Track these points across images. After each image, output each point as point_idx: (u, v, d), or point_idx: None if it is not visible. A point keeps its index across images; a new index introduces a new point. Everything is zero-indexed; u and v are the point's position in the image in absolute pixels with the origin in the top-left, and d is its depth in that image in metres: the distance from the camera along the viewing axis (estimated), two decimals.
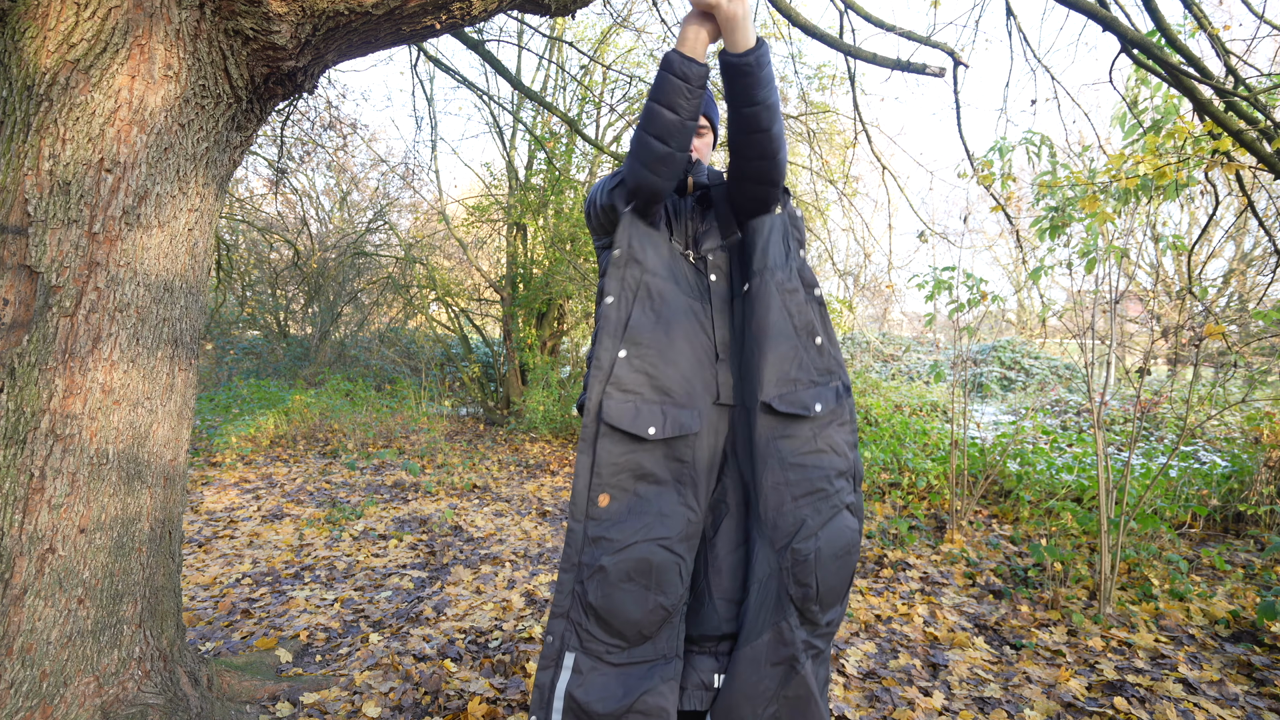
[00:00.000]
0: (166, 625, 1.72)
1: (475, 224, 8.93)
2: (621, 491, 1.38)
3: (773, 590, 1.39)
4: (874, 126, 10.56)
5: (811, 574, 1.38)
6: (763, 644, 1.38)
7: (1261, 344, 6.66)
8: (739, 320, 1.52)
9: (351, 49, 1.77)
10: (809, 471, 1.42)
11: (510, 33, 8.30)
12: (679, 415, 1.41)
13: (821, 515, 1.41)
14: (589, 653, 1.37)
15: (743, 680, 1.38)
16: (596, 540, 1.37)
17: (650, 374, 1.41)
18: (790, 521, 1.40)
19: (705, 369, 1.48)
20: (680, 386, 1.43)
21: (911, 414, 7.05)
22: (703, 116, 1.57)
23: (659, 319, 1.44)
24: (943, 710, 1.98)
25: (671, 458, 1.41)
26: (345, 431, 6.55)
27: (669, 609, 1.38)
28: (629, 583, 1.35)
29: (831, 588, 1.41)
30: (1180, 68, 2.58)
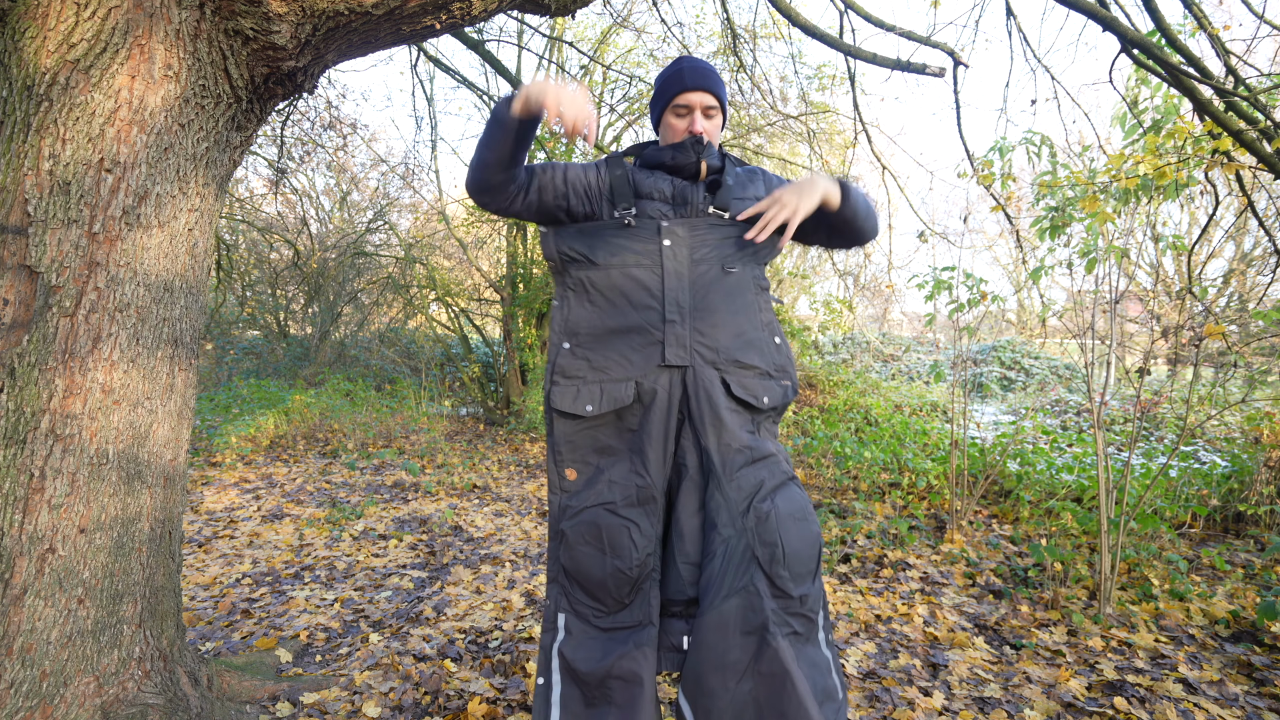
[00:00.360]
0: (166, 625, 1.72)
1: (475, 224, 8.93)
2: (584, 465, 1.52)
3: (738, 553, 1.40)
4: (874, 126, 10.57)
5: (775, 532, 1.40)
6: (730, 609, 1.38)
7: (1261, 344, 6.66)
8: (707, 293, 1.52)
9: (351, 49, 1.77)
10: (758, 442, 1.50)
11: (510, 33, 8.30)
12: (614, 389, 1.49)
13: (776, 478, 1.47)
14: (578, 615, 1.50)
15: (709, 648, 1.38)
16: (564, 509, 1.52)
17: (588, 357, 1.52)
18: (750, 481, 1.45)
19: (649, 336, 1.49)
20: (616, 361, 1.50)
21: (911, 414, 7.05)
22: (711, 95, 1.57)
23: (594, 305, 1.53)
24: (943, 710, 1.98)
25: (623, 429, 1.51)
26: (345, 431, 6.55)
27: (627, 572, 1.44)
28: (585, 545, 1.47)
29: (796, 551, 1.41)
30: (1180, 68, 2.58)
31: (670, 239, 1.53)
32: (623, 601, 1.46)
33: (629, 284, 1.51)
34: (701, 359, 1.49)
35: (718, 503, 1.44)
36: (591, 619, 1.49)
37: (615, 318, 1.51)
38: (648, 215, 1.54)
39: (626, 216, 1.54)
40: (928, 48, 3.30)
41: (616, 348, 1.50)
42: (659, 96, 1.61)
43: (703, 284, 1.52)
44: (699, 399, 1.48)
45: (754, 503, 1.43)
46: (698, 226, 1.55)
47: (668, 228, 1.53)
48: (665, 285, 1.51)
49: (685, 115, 1.58)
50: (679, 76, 1.57)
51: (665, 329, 1.49)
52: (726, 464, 1.45)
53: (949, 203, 24.06)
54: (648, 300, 1.50)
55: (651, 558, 1.46)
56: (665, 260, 1.52)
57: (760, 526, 1.40)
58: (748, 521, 1.41)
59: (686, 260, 1.53)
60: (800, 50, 10.38)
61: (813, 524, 1.47)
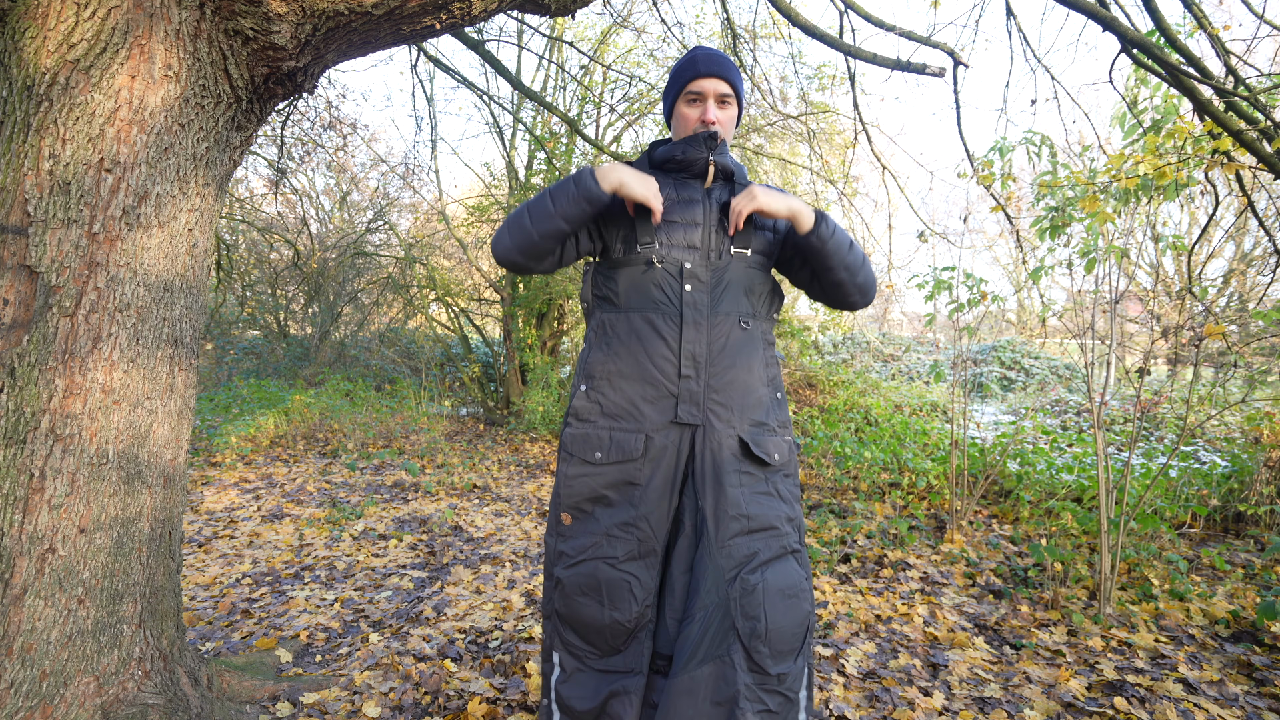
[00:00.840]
0: (166, 625, 1.72)
1: (475, 224, 8.92)
2: (580, 511, 1.50)
3: (717, 621, 1.37)
4: (874, 126, 10.56)
5: (760, 607, 1.36)
6: (702, 676, 1.35)
7: (1261, 344, 6.66)
8: (724, 348, 1.48)
9: (351, 49, 1.77)
10: (764, 509, 1.46)
11: (510, 33, 8.30)
12: (623, 440, 1.47)
13: (771, 550, 1.43)
14: (571, 654, 1.50)
15: (676, 712, 1.35)
16: (559, 555, 1.50)
17: (601, 402, 1.49)
18: (743, 551, 1.41)
19: (662, 389, 1.46)
20: (628, 410, 1.47)
21: (911, 414, 7.05)
22: (726, 83, 1.51)
23: (611, 350, 1.50)
24: (943, 710, 1.98)
25: (624, 481, 1.47)
26: (345, 431, 6.55)
27: (626, 624, 1.44)
28: (583, 596, 1.46)
29: (780, 629, 1.37)
30: (1180, 68, 2.58)
31: (691, 284, 1.48)
32: (617, 648, 1.46)
33: (647, 331, 1.47)
34: (715, 417, 1.46)
35: (705, 567, 1.41)
36: (585, 659, 1.49)
37: (631, 365, 1.47)
38: (672, 254, 1.49)
39: (651, 254, 1.49)
40: (928, 48, 3.30)
41: (630, 397, 1.47)
42: (672, 84, 1.57)
43: (719, 338, 1.48)
44: (704, 459, 1.45)
45: (742, 573, 1.39)
46: (720, 266, 1.50)
47: (690, 271, 1.49)
48: (683, 338, 1.47)
49: (698, 103, 1.52)
50: (692, 63, 1.53)
51: (680, 384, 1.46)
52: (720, 529, 1.42)
53: (949, 203, 24.07)
54: (664, 352, 1.46)
55: (650, 609, 1.46)
56: (685, 309, 1.47)
57: (745, 598, 1.37)
58: (733, 591, 1.38)
59: (707, 310, 1.48)
60: (800, 50, 10.39)
61: (804, 603, 1.43)
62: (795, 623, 1.40)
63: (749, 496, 1.45)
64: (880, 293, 18.38)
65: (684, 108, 1.54)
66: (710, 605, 1.38)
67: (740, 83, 1.56)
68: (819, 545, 3.34)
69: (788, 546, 1.46)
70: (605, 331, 1.52)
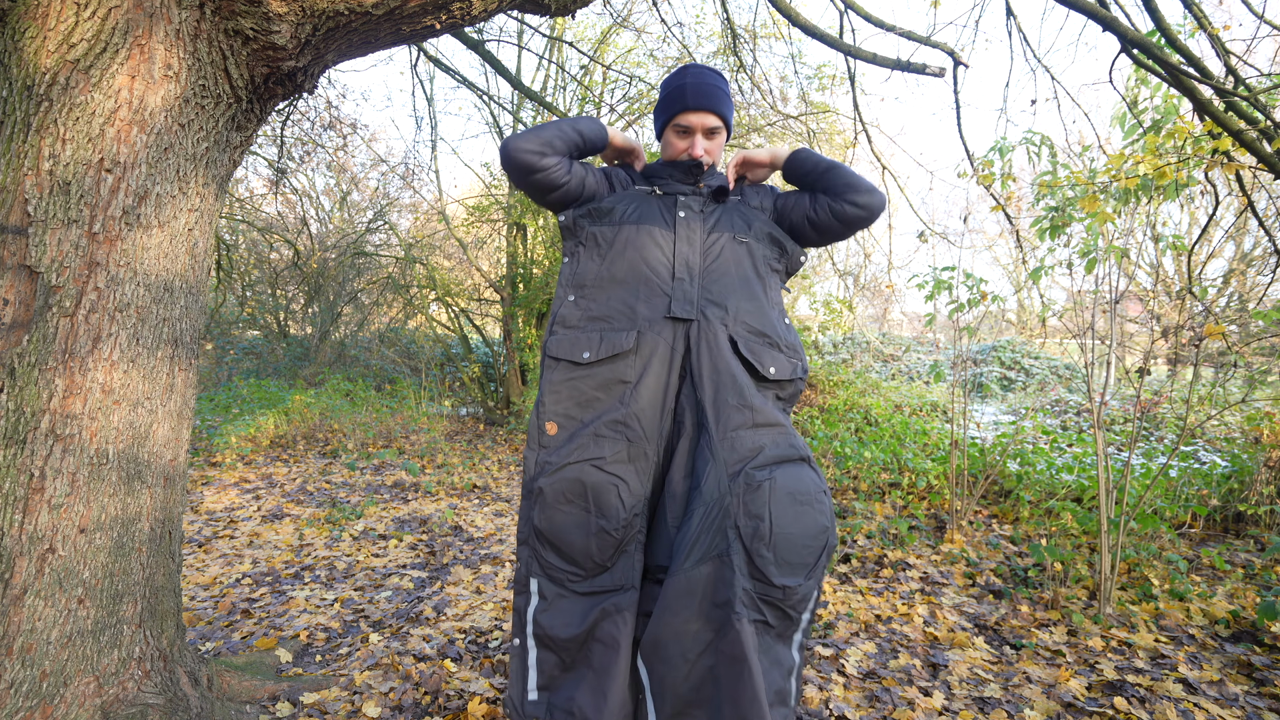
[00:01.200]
0: (166, 625, 1.72)
1: (475, 224, 8.92)
2: (566, 419, 1.43)
3: (716, 517, 1.29)
4: (874, 126, 10.56)
5: (765, 506, 1.28)
6: (700, 575, 1.28)
7: (1261, 344, 6.66)
8: (716, 256, 1.52)
9: (351, 49, 1.77)
10: (767, 408, 1.42)
11: (510, 33, 8.30)
12: (613, 337, 1.44)
13: (779, 449, 1.37)
14: (551, 579, 1.41)
15: (673, 614, 1.28)
16: (542, 466, 1.42)
17: (589, 307, 1.49)
18: (748, 445, 1.35)
19: (655, 289, 1.47)
20: (619, 310, 1.47)
21: (911, 414, 7.05)
22: (714, 116, 1.56)
23: (603, 258, 1.52)
24: (943, 710, 1.98)
25: (614, 379, 1.42)
26: (345, 431, 6.55)
27: (612, 533, 1.35)
28: (567, 504, 1.37)
29: (788, 535, 1.29)
30: (1180, 68, 2.58)
31: (685, 212, 1.54)
32: (604, 565, 1.37)
33: (643, 240, 1.50)
34: (708, 315, 1.45)
35: (705, 459, 1.34)
36: (567, 583, 1.40)
37: (624, 270, 1.49)
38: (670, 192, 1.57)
39: (654, 187, 1.57)
40: (928, 48, 3.30)
41: (621, 298, 1.47)
42: (662, 108, 1.60)
43: (713, 248, 1.52)
44: (700, 352, 1.43)
45: (747, 468, 1.32)
46: (710, 206, 1.57)
47: (684, 201, 1.55)
48: (676, 248, 1.50)
49: (686, 136, 1.57)
50: (681, 94, 1.54)
51: (674, 285, 1.47)
52: (721, 420, 1.36)
53: (949, 203, 24.07)
54: (659, 256, 1.49)
55: (639, 518, 1.38)
56: (679, 228, 1.52)
57: (749, 494, 1.29)
58: (735, 486, 1.30)
59: (700, 232, 1.53)
60: (800, 50, 10.39)
61: (818, 513, 1.33)
62: (808, 532, 1.31)
63: (754, 391, 1.41)
64: (880, 293, 18.34)
65: (672, 136, 1.59)
66: (710, 500, 1.31)
67: (729, 110, 1.59)
68: None
69: (798, 449, 1.39)
70: (597, 242, 1.54)
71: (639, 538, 1.38)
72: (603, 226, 1.55)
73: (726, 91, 1.58)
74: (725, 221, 1.56)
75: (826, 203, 1.57)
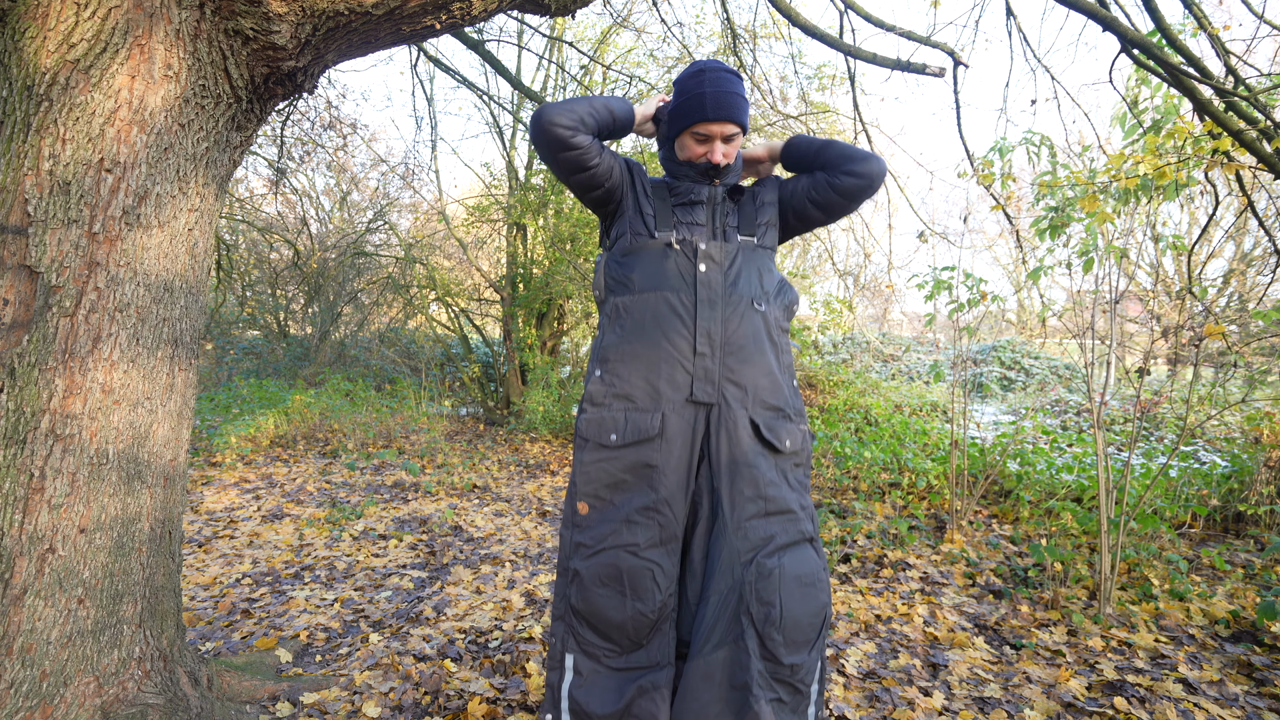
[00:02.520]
0: (166, 625, 1.72)
1: (475, 224, 8.92)
2: (597, 499, 1.45)
3: (733, 604, 1.35)
4: (874, 126, 10.56)
5: (775, 592, 1.34)
6: (718, 660, 1.34)
7: (1261, 344, 6.66)
8: (736, 326, 1.49)
9: (351, 49, 1.77)
10: (781, 492, 1.44)
11: (510, 33, 8.30)
12: (638, 420, 1.45)
13: (789, 535, 1.41)
14: (587, 654, 1.43)
15: (694, 698, 1.34)
16: (577, 547, 1.45)
17: (615, 384, 1.48)
18: (760, 534, 1.39)
19: (677, 366, 1.46)
20: (642, 390, 1.46)
21: (911, 414, 7.05)
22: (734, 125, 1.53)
23: (626, 332, 1.50)
24: (943, 710, 1.98)
25: (641, 463, 1.44)
26: (345, 431, 6.55)
27: (649, 615, 1.40)
28: (603, 587, 1.41)
29: (795, 617, 1.35)
30: (1180, 68, 2.58)
31: (706, 264, 1.51)
32: (639, 643, 1.42)
33: (663, 310, 1.48)
34: (728, 398, 1.46)
35: (720, 549, 1.39)
36: (603, 659, 1.43)
37: (646, 345, 1.47)
38: (687, 237, 1.54)
39: (669, 237, 1.53)
40: (928, 48, 3.30)
41: (644, 375, 1.47)
42: (680, 115, 1.55)
43: (734, 317, 1.49)
44: (719, 439, 1.44)
45: (759, 556, 1.37)
46: (730, 251, 1.54)
47: (704, 251, 1.52)
48: (698, 315, 1.48)
49: (705, 142, 1.54)
50: (700, 104, 1.50)
51: (695, 362, 1.46)
52: (737, 510, 1.40)
53: (949, 203, 24.08)
54: (680, 329, 1.47)
55: (672, 598, 1.43)
56: (700, 289, 1.49)
57: (761, 582, 1.35)
58: (748, 574, 1.36)
59: (721, 289, 1.50)
60: (800, 50, 10.38)
61: (821, 593, 1.40)
62: (811, 612, 1.37)
63: (767, 479, 1.44)
64: (880, 293, 18.34)
65: (690, 141, 1.55)
66: (725, 588, 1.36)
67: (747, 116, 1.57)
68: None
69: (805, 533, 1.44)
70: (620, 314, 1.52)
71: (672, 615, 1.43)
72: (626, 297, 1.52)
73: (744, 95, 1.57)
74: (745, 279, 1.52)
75: (824, 179, 1.58)
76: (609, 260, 1.60)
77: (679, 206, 1.58)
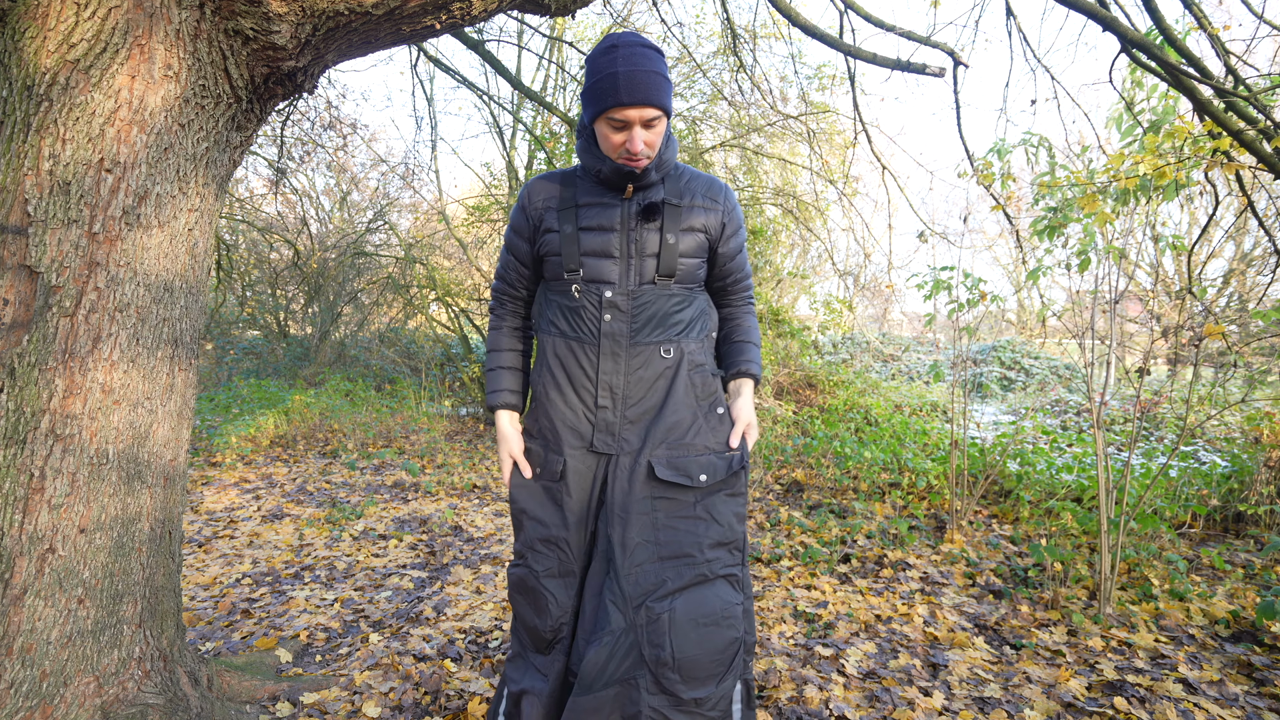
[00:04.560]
0: (166, 625, 1.72)
1: (475, 224, 8.92)
2: (525, 517, 1.53)
3: (624, 647, 1.37)
4: (874, 126, 10.57)
5: (665, 636, 1.35)
6: (608, 696, 1.35)
7: (1261, 344, 6.67)
8: (640, 374, 1.47)
9: (351, 49, 1.77)
10: (680, 535, 1.43)
11: (510, 33, 8.30)
12: (547, 459, 1.51)
13: (682, 579, 1.40)
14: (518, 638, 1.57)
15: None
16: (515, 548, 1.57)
17: (540, 421, 1.54)
18: (651, 580, 1.40)
19: (581, 418, 1.49)
20: (552, 429, 1.52)
21: (911, 414, 7.05)
22: (652, 108, 1.34)
23: (545, 373, 1.54)
24: (943, 710, 1.98)
25: (550, 500, 1.51)
26: (345, 431, 6.55)
27: (544, 634, 1.48)
28: (519, 594, 1.52)
29: (692, 658, 1.35)
30: (1180, 68, 2.58)
31: (611, 313, 1.46)
32: (540, 650, 1.51)
33: (570, 359, 1.49)
34: (626, 445, 1.47)
35: (612, 593, 1.40)
36: (525, 649, 1.55)
37: (556, 391, 1.51)
38: (595, 279, 1.46)
39: (575, 284, 1.48)
40: (928, 48, 3.30)
41: (555, 421, 1.51)
42: (591, 98, 1.37)
43: (637, 367, 1.47)
44: (614, 488, 1.45)
45: (648, 601, 1.38)
46: (640, 295, 1.46)
47: (609, 300, 1.45)
48: (600, 368, 1.47)
49: (622, 129, 1.37)
50: (613, 85, 1.32)
51: (597, 415, 1.48)
52: (626, 556, 1.41)
53: (949, 203, 24.09)
54: (584, 382, 1.49)
55: (565, 626, 1.48)
56: (604, 340, 1.46)
57: (650, 626, 1.36)
58: (638, 618, 1.37)
59: (625, 341, 1.46)
60: (800, 50, 10.39)
61: (725, 629, 1.39)
62: (714, 650, 1.37)
63: (664, 521, 1.43)
64: (880, 293, 18.33)
65: (606, 129, 1.38)
66: (617, 631, 1.37)
67: (668, 95, 1.38)
68: (819, 545, 3.34)
69: (709, 574, 1.42)
70: (544, 354, 1.55)
71: (564, 642, 1.50)
72: (545, 336, 1.54)
73: (663, 73, 1.37)
74: (652, 326, 1.47)
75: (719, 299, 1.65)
76: (540, 291, 1.60)
77: (586, 231, 1.47)
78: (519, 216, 1.56)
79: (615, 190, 1.48)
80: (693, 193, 1.51)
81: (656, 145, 1.41)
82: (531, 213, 1.54)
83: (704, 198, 1.52)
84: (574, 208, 1.49)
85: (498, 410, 1.60)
